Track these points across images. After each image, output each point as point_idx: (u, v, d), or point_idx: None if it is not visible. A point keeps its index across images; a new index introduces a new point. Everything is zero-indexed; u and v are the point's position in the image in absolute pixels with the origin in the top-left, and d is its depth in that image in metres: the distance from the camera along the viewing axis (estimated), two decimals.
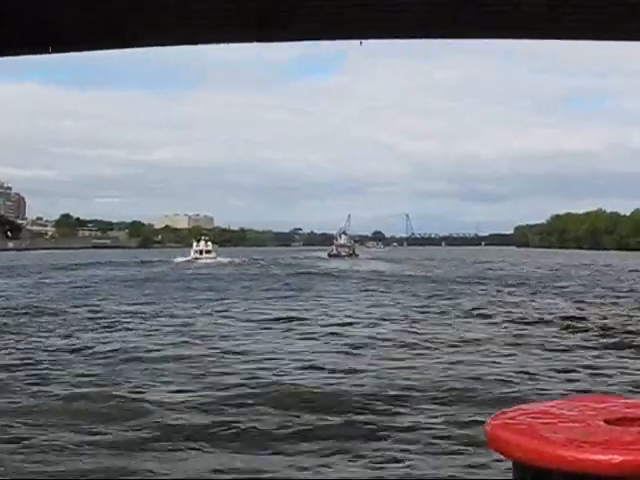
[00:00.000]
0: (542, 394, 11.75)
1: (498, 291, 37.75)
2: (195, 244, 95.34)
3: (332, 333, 20.31)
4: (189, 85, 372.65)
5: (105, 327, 21.39)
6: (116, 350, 16.63)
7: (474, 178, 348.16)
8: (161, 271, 60.27)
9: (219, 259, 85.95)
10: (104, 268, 62.84)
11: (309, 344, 18.31)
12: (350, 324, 22.74)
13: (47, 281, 43.44)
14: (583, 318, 24.11)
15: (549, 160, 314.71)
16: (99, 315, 24.41)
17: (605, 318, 24.19)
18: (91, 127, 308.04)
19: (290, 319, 23.55)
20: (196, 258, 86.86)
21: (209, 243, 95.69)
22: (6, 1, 17.79)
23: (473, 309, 27.57)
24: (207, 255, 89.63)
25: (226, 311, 26.27)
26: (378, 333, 20.48)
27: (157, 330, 20.52)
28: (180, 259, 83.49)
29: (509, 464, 1.77)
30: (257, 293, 35.25)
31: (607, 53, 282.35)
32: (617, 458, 1.58)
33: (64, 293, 34.24)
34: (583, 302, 30.63)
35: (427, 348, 17.73)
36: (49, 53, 21.09)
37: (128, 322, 22.49)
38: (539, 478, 1.68)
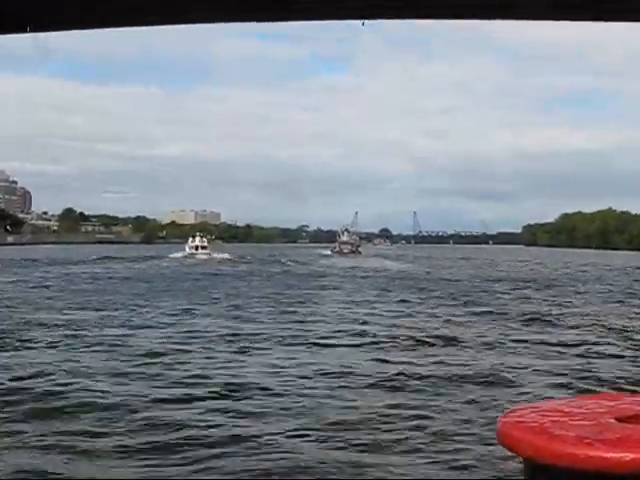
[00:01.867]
0: (555, 393, 11.86)
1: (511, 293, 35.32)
2: (190, 240, 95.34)
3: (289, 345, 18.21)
4: (198, 81, 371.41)
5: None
6: None
7: (482, 176, 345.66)
8: (145, 269, 58.04)
9: (214, 255, 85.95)
10: (86, 264, 60.64)
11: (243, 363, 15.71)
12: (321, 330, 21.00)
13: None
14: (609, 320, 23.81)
15: (558, 159, 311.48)
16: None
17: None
18: (100, 122, 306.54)
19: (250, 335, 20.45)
20: (191, 254, 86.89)
21: (204, 239, 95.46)
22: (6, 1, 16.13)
23: (479, 313, 25.98)
24: (202, 251, 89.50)
25: (174, 316, 23.74)
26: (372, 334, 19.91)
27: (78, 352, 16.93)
28: (175, 255, 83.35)
29: (521, 461, 1.72)
30: (226, 295, 32.56)
31: (615, 51, 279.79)
32: (628, 456, 1.57)
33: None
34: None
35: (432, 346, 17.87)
36: (26, 32, 19.36)
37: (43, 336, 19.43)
38: (550, 476, 1.67)
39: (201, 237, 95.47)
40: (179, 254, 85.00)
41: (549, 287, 40.22)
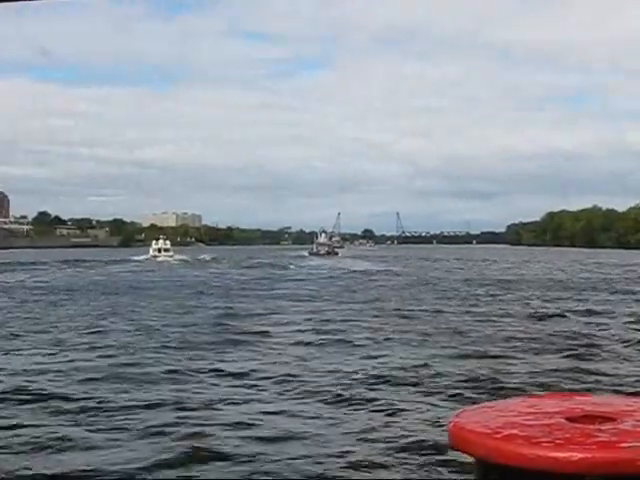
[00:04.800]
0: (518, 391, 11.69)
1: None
2: (154, 243, 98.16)
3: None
4: (181, 84, 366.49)
5: None
6: None
7: (465, 176, 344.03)
8: (90, 274, 54.33)
9: (176, 256, 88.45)
10: (22, 271, 56.73)
11: None
12: None
13: None
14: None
15: (541, 158, 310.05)
16: None
17: None
18: (83, 125, 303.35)
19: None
20: (154, 256, 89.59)
21: (167, 242, 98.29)
22: None
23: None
24: (165, 254, 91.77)
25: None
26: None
27: None
28: (139, 257, 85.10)
29: (472, 462, 1.75)
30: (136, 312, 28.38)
31: (600, 50, 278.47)
32: (576, 456, 1.60)
33: None
34: None
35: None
36: None
37: None
38: (501, 476, 1.69)
39: (164, 240, 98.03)
40: (142, 257, 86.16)
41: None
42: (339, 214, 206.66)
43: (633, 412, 1.86)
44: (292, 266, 69.45)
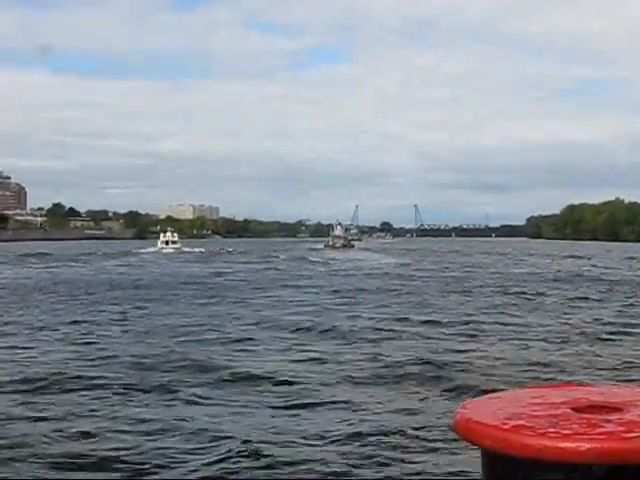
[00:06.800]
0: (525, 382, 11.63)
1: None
2: (162, 235, 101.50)
3: None
4: (197, 75, 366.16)
5: None
6: None
7: (484, 169, 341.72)
8: (82, 270, 52.03)
9: (183, 249, 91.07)
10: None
11: None
12: None
13: None
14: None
15: (561, 151, 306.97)
16: None
17: None
18: (101, 117, 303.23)
19: None
20: (162, 248, 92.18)
21: (175, 234, 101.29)
22: None
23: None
24: (172, 245, 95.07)
25: None
26: None
27: None
28: (148, 250, 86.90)
29: (478, 452, 1.75)
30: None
31: (618, 42, 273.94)
32: (583, 446, 1.61)
33: None
34: None
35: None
36: None
37: None
38: (507, 466, 1.71)
39: (172, 232, 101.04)
40: (151, 249, 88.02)
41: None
42: (357, 207, 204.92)
43: (639, 402, 1.84)
44: (301, 259, 66.79)
